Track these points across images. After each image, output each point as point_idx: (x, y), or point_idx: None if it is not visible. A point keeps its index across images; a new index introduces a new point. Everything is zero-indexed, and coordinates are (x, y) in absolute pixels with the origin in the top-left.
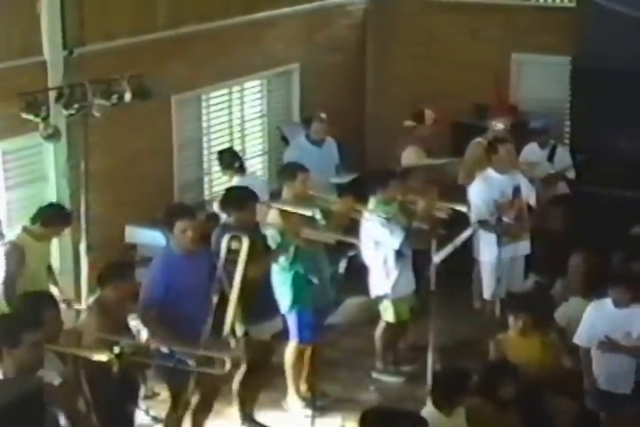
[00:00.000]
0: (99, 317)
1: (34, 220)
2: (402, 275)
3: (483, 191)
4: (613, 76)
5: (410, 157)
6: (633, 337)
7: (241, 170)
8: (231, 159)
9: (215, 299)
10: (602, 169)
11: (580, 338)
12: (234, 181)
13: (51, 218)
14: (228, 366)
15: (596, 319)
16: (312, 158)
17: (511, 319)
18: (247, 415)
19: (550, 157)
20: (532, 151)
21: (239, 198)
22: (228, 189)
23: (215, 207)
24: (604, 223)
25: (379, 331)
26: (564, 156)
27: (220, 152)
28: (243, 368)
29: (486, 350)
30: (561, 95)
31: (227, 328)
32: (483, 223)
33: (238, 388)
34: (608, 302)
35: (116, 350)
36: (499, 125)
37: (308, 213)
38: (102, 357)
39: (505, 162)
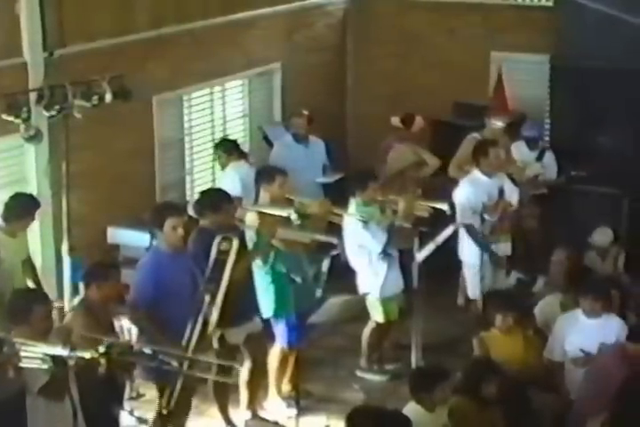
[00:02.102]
0: (83, 317)
1: (4, 217)
2: (389, 274)
3: (470, 194)
4: (592, 74)
5: (405, 157)
6: (607, 346)
7: (239, 158)
8: (228, 148)
9: (208, 298)
10: (581, 166)
11: (552, 352)
12: (229, 168)
13: (17, 211)
14: (213, 368)
15: (568, 332)
16: (298, 158)
17: (498, 318)
18: (229, 420)
19: (538, 159)
20: (519, 151)
21: (215, 200)
22: (204, 192)
23: (190, 210)
24: (582, 221)
25: (367, 330)
26: (550, 161)
27: (218, 143)
28: (213, 371)
29: (470, 348)
30: (540, 93)
31: (210, 328)
32: (468, 228)
33: (214, 391)
34: (579, 314)
35: (102, 349)
36: (498, 124)
37: (284, 213)
38: (88, 355)
39: (493, 166)
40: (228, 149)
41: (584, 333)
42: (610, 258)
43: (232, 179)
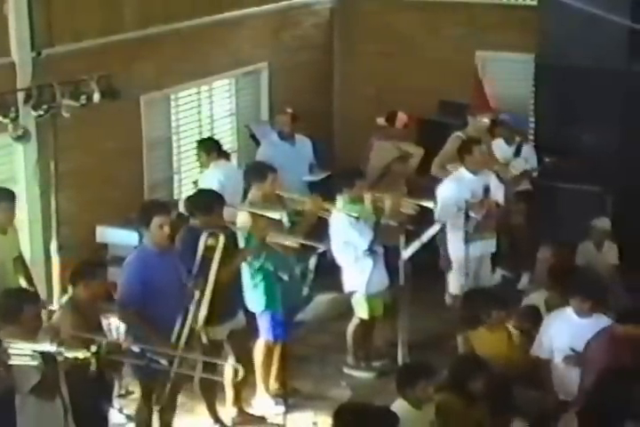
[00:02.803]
0: (71, 315)
1: None
2: (375, 271)
3: (454, 192)
4: (576, 72)
5: (388, 154)
6: None
7: (219, 157)
8: (208, 148)
9: (197, 295)
10: (564, 164)
11: (540, 350)
12: (210, 168)
13: None
14: (199, 366)
15: (558, 330)
16: (284, 156)
17: (485, 315)
18: (217, 417)
19: (516, 155)
20: (499, 148)
21: (207, 202)
22: (196, 193)
23: (181, 208)
24: (566, 218)
25: (351, 327)
26: (529, 154)
27: (201, 140)
28: (199, 369)
29: (456, 345)
30: (525, 92)
31: (199, 325)
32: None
33: (200, 389)
34: (569, 312)
35: (93, 348)
36: (484, 121)
37: (277, 216)
38: (80, 355)
39: (478, 163)
40: (208, 148)
41: (575, 332)
42: (605, 249)
43: (211, 179)
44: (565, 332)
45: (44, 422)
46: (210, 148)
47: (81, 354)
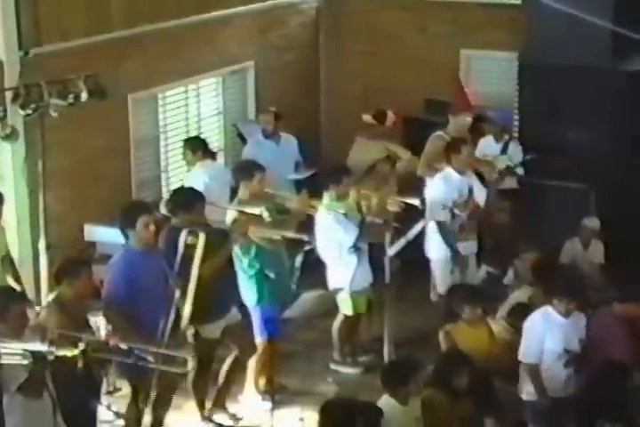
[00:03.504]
0: (57, 314)
1: None
2: (359, 268)
3: (442, 191)
4: (559, 71)
5: (369, 152)
6: (584, 341)
7: (204, 157)
8: (194, 147)
9: (178, 294)
10: (548, 162)
11: (528, 356)
12: (195, 167)
13: None
14: (191, 364)
15: (545, 332)
16: (269, 155)
17: (464, 310)
18: (207, 415)
19: (503, 152)
20: (487, 145)
21: (187, 200)
22: (175, 191)
23: (162, 208)
24: (549, 215)
25: (336, 323)
26: (515, 152)
27: (187, 139)
28: (193, 366)
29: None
30: (509, 90)
31: (184, 322)
32: (440, 224)
33: (192, 386)
34: (552, 314)
35: (81, 346)
36: (467, 120)
37: (256, 211)
38: (67, 352)
39: (465, 163)
40: (194, 147)
41: (564, 332)
42: (591, 248)
43: (196, 179)
44: (555, 334)
45: (33, 420)
46: (196, 147)
47: (69, 352)
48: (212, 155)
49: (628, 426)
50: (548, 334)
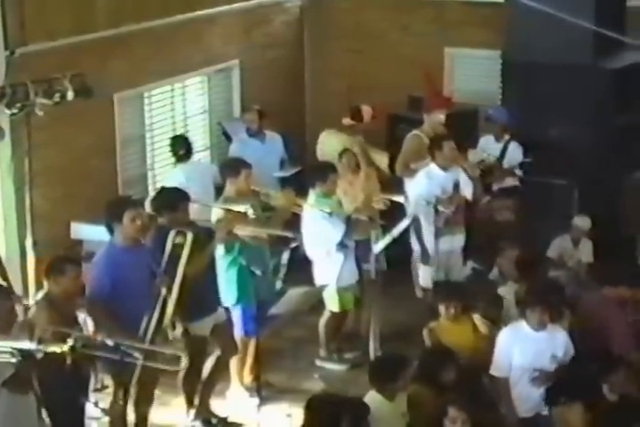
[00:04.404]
0: (46, 311)
1: None
2: (345, 265)
3: (425, 188)
4: (541, 68)
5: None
6: (559, 358)
7: (185, 157)
8: (177, 146)
9: (163, 292)
10: (531, 158)
11: (496, 369)
12: (177, 167)
13: None
14: (184, 361)
15: (515, 347)
16: (254, 153)
17: (445, 307)
18: (198, 412)
19: (502, 152)
20: (487, 143)
21: (172, 199)
22: (160, 190)
23: (147, 207)
24: (533, 211)
25: (323, 320)
26: (515, 152)
27: (172, 138)
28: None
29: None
30: (493, 88)
31: (166, 320)
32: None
33: (182, 382)
34: (523, 327)
35: (70, 342)
36: (440, 117)
37: (241, 209)
38: (57, 349)
39: (448, 159)
40: (175, 147)
41: (534, 346)
42: (580, 247)
43: (173, 178)
44: (524, 349)
45: (17, 416)
46: (178, 147)
47: (57, 348)
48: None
49: None
50: (516, 349)
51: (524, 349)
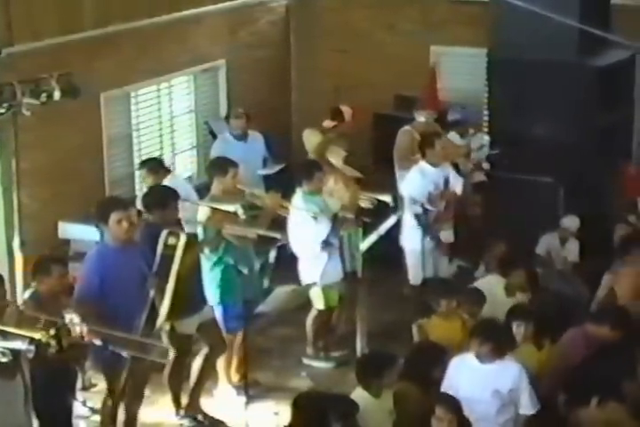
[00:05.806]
0: (33, 311)
1: None
2: (330, 263)
3: (418, 184)
4: (527, 66)
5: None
6: (502, 394)
7: (165, 174)
8: (154, 166)
9: (152, 292)
10: (518, 156)
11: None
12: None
13: None
14: (171, 354)
15: (458, 378)
16: (236, 152)
17: (436, 303)
18: (187, 410)
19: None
20: (452, 141)
21: (161, 197)
22: (150, 188)
23: (138, 205)
24: (518, 209)
25: (310, 318)
26: (480, 144)
27: (143, 162)
28: (170, 361)
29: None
30: (478, 86)
31: (160, 321)
32: (417, 216)
33: (168, 381)
34: (470, 359)
35: (53, 330)
36: (429, 117)
37: (231, 209)
38: (39, 336)
39: (439, 156)
40: (152, 167)
41: (478, 379)
42: (567, 246)
43: None
44: (467, 380)
45: (3, 401)
46: (154, 167)
47: (40, 335)
48: (170, 171)
49: None
50: (461, 381)
51: (465, 380)
